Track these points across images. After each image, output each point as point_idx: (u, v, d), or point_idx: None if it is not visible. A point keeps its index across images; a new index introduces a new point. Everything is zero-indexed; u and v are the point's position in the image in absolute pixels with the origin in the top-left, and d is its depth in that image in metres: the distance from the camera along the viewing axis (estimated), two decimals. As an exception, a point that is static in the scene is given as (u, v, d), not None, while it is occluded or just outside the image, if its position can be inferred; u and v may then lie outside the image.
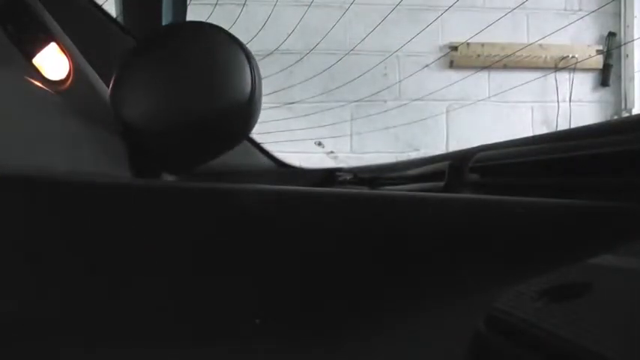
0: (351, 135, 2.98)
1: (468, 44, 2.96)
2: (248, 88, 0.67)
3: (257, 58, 0.70)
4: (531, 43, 2.96)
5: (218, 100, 0.67)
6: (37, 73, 0.65)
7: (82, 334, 0.34)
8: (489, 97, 3.05)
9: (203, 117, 0.67)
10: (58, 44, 0.69)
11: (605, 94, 3.15)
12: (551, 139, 0.58)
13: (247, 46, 0.70)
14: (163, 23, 1.28)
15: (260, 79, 0.69)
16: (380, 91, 2.95)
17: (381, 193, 0.69)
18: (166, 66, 0.67)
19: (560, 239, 0.38)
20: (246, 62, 0.68)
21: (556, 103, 3.09)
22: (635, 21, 3.07)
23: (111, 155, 0.67)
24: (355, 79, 2.85)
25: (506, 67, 3.01)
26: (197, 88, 0.66)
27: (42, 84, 0.62)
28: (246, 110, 0.68)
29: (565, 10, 3.10)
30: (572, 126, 2.78)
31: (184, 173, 0.90)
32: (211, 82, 0.67)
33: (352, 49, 2.85)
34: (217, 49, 0.68)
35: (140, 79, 0.68)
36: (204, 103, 0.67)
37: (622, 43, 3.09)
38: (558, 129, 2.93)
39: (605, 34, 3.13)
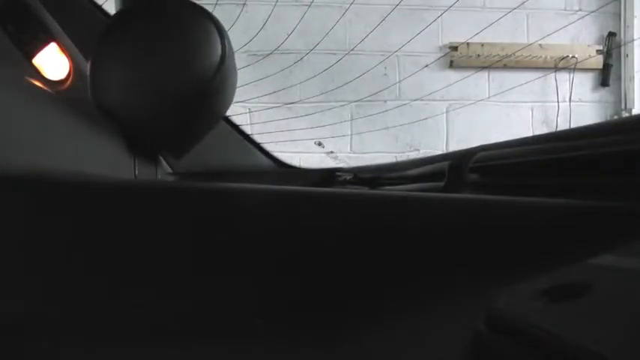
0: (351, 135, 2.98)
1: (467, 44, 2.96)
2: (217, 58, 0.67)
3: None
4: (531, 43, 2.96)
5: (187, 72, 0.67)
6: (37, 73, 0.65)
7: (82, 334, 0.34)
8: (489, 97, 3.05)
9: (173, 91, 0.67)
10: (58, 44, 0.69)
11: (605, 94, 3.15)
12: (551, 139, 0.58)
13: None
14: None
15: (231, 48, 0.69)
16: (380, 91, 2.95)
17: (381, 193, 0.69)
18: (133, 47, 0.67)
19: (560, 239, 0.38)
20: (215, 33, 0.68)
21: (556, 103, 3.09)
22: (635, 21, 3.07)
23: (111, 153, 0.67)
24: (355, 79, 2.85)
25: (506, 67, 3.01)
26: (165, 64, 0.66)
27: (42, 84, 0.62)
28: (217, 81, 0.68)
29: (565, 10, 3.10)
30: (572, 126, 2.78)
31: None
32: (180, 56, 0.67)
33: (352, 49, 2.85)
34: (184, 22, 0.68)
35: (110, 66, 0.68)
36: (172, 78, 0.67)
37: (622, 43, 3.09)
38: (558, 129, 2.92)
39: (605, 34, 3.13)
